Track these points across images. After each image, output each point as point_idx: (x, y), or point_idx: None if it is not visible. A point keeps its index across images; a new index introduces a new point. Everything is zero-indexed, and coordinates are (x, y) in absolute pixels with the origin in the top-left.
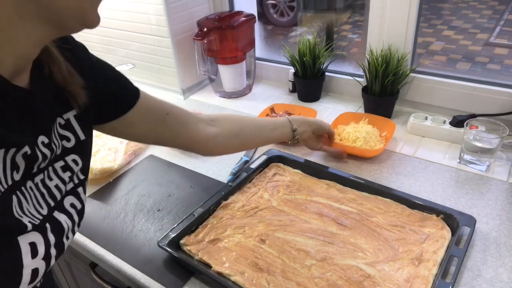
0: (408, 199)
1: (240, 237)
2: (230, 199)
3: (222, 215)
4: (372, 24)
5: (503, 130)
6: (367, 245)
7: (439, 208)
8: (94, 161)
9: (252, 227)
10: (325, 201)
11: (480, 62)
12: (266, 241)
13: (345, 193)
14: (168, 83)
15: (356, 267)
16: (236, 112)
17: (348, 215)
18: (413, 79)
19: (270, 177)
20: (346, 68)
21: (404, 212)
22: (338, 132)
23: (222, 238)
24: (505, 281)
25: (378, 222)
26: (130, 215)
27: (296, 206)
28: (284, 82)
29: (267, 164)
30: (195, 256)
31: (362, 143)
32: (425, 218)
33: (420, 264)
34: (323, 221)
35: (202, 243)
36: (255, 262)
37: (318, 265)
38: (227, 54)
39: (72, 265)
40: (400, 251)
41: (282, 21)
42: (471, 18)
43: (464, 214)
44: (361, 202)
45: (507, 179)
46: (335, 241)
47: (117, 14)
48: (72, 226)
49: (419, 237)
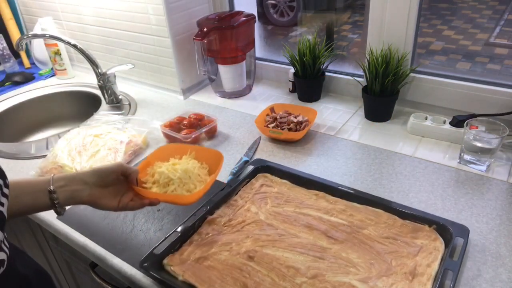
0: (399, 209)
1: (227, 254)
2: (215, 214)
3: (208, 231)
4: (372, 24)
5: (503, 130)
6: (359, 259)
7: (431, 218)
8: (94, 161)
9: (239, 243)
10: (315, 213)
11: (480, 62)
12: (254, 258)
13: (334, 204)
14: (168, 83)
15: (349, 284)
16: (236, 112)
17: (339, 227)
18: (413, 79)
19: (257, 189)
20: (346, 68)
21: (396, 223)
22: (153, 172)
23: (208, 256)
24: (505, 281)
25: (370, 234)
26: (130, 215)
27: (284, 219)
28: (284, 82)
29: (254, 175)
30: (179, 277)
31: (176, 187)
32: (417, 229)
33: (414, 279)
34: (313, 235)
35: (187, 263)
36: (243, 282)
37: (309, 283)
38: (227, 54)
39: (72, 265)
40: (393, 265)
41: (282, 21)
42: (471, 18)
43: (457, 224)
44: (351, 213)
45: (507, 179)
46: (326, 256)
47: (117, 14)
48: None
49: (412, 250)
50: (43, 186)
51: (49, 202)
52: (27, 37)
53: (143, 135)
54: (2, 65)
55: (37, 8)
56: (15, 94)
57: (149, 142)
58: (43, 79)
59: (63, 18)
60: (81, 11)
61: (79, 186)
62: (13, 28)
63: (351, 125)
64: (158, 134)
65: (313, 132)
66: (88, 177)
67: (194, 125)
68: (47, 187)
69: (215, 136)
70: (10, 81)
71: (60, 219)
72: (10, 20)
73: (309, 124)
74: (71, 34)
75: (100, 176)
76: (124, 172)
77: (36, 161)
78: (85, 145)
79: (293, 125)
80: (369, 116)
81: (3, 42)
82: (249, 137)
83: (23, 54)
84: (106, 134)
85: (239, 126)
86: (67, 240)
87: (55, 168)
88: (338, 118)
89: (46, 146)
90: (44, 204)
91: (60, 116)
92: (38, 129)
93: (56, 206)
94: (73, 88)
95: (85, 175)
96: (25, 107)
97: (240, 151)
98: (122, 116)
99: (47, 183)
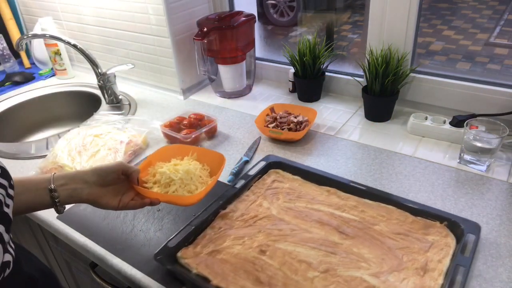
0: (411, 206)
1: (239, 248)
2: (228, 208)
3: (221, 225)
4: (372, 24)
5: (503, 130)
6: (370, 254)
7: (442, 214)
8: (94, 161)
9: (252, 237)
10: (326, 208)
11: (480, 62)
12: (267, 252)
13: (346, 200)
14: (168, 83)
15: (360, 279)
16: (236, 112)
17: (350, 223)
18: (413, 79)
19: (269, 184)
20: (346, 68)
21: (407, 219)
22: (154, 172)
23: (220, 249)
24: (505, 281)
25: (381, 230)
26: (130, 215)
27: (296, 215)
28: (284, 82)
29: (266, 171)
30: (193, 270)
31: (177, 188)
32: (428, 226)
33: (425, 274)
34: (324, 230)
35: (200, 256)
36: (256, 275)
37: (321, 277)
38: (227, 54)
39: (72, 265)
40: (404, 260)
41: (282, 21)
42: (471, 18)
43: (469, 221)
44: (363, 209)
45: (507, 179)
46: (337, 251)
47: (117, 14)
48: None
49: (423, 245)
50: (44, 184)
51: (50, 201)
52: (27, 37)
53: (143, 135)
54: (2, 65)
55: (37, 8)
56: (15, 94)
57: (149, 142)
58: (43, 79)
59: (63, 18)
60: (81, 11)
61: (79, 185)
62: (13, 28)
63: (351, 125)
64: (158, 134)
65: (313, 132)
66: (89, 176)
67: (194, 125)
68: (47, 185)
69: (215, 136)
70: (10, 81)
71: (60, 219)
72: (10, 20)
73: (309, 124)
74: (71, 34)
75: (100, 175)
76: (125, 171)
77: (36, 161)
78: (85, 145)
79: (293, 125)
80: (369, 116)
81: (3, 42)
82: (249, 137)
83: (23, 54)
84: (106, 134)
85: (239, 126)
86: (67, 240)
87: (55, 168)
88: (338, 118)
89: (46, 146)
90: (45, 202)
91: (60, 116)
92: (38, 129)
93: (57, 205)
94: (73, 88)
95: (86, 174)
96: (25, 107)
97: (240, 151)
98: (122, 116)
99: (47, 181)
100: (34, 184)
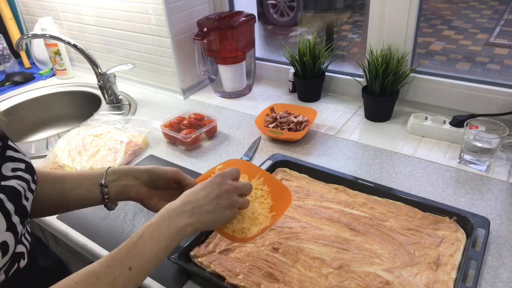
0: (420, 202)
1: (251, 246)
2: None
3: None
4: (372, 24)
5: (503, 130)
6: (382, 250)
7: (451, 210)
8: (94, 161)
9: (263, 235)
10: (336, 206)
11: (480, 62)
12: (279, 249)
13: (355, 197)
14: (168, 83)
15: (374, 274)
16: (236, 112)
17: (360, 220)
18: (413, 79)
19: None
20: (346, 68)
21: (417, 215)
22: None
23: (233, 248)
24: (505, 281)
25: (391, 226)
26: (130, 215)
27: (306, 212)
28: (284, 82)
29: (273, 169)
30: (207, 268)
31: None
32: (438, 221)
33: (438, 269)
34: (335, 227)
35: (213, 254)
36: (269, 272)
37: (336, 273)
38: (227, 54)
39: (72, 265)
40: (416, 255)
41: (282, 21)
42: (471, 18)
43: (478, 216)
44: (372, 206)
45: (507, 179)
46: (350, 247)
47: (117, 14)
48: (27, 185)
49: (434, 240)
50: (96, 179)
51: (100, 196)
52: (27, 37)
53: (143, 135)
54: (2, 65)
55: (37, 8)
56: (15, 94)
57: (149, 142)
58: (43, 79)
59: (63, 18)
60: (81, 11)
61: (130, 182)
62: (13, 28)
63: (351, 125)
64: (158, 134)
65: (313, 132)
66: (140, 174)
67: (194, 125)
68: (99, 180)
69: (215, 136)
70: (10, 81)
71: (60, 219)
72: (10, 20)
73: (309, 124)
74: (71, 34)
75: (151, 176)
76: (179, 181)
77: (36, 161)
78: (85, 145)
79: (293, 125)
80: (369, 116)
81: (3, 42)
82: (249, 137)
83: (23, 54)
84: (106, 134)
85: (239, 126)
86: (67, 240)
87: (55, 168)
88: (338, 118)
89: (46, 146)
90: (97, 198)
91: (60, 116)
92: (38, 129)
93: (107, 201)
94: (73, 88)
95: (138, 171)
96: (25, 107)
97: (240, 151)
98: (122, 116)
99: (100, 176)
100: (88, 178)
